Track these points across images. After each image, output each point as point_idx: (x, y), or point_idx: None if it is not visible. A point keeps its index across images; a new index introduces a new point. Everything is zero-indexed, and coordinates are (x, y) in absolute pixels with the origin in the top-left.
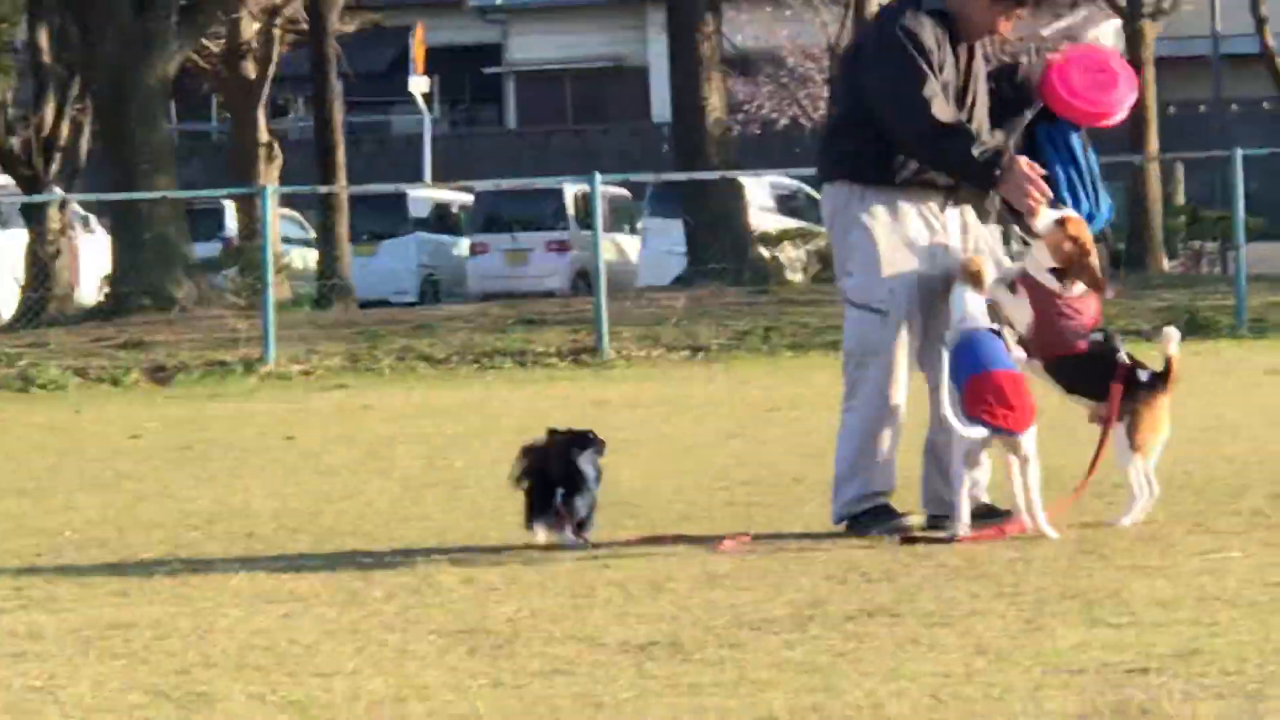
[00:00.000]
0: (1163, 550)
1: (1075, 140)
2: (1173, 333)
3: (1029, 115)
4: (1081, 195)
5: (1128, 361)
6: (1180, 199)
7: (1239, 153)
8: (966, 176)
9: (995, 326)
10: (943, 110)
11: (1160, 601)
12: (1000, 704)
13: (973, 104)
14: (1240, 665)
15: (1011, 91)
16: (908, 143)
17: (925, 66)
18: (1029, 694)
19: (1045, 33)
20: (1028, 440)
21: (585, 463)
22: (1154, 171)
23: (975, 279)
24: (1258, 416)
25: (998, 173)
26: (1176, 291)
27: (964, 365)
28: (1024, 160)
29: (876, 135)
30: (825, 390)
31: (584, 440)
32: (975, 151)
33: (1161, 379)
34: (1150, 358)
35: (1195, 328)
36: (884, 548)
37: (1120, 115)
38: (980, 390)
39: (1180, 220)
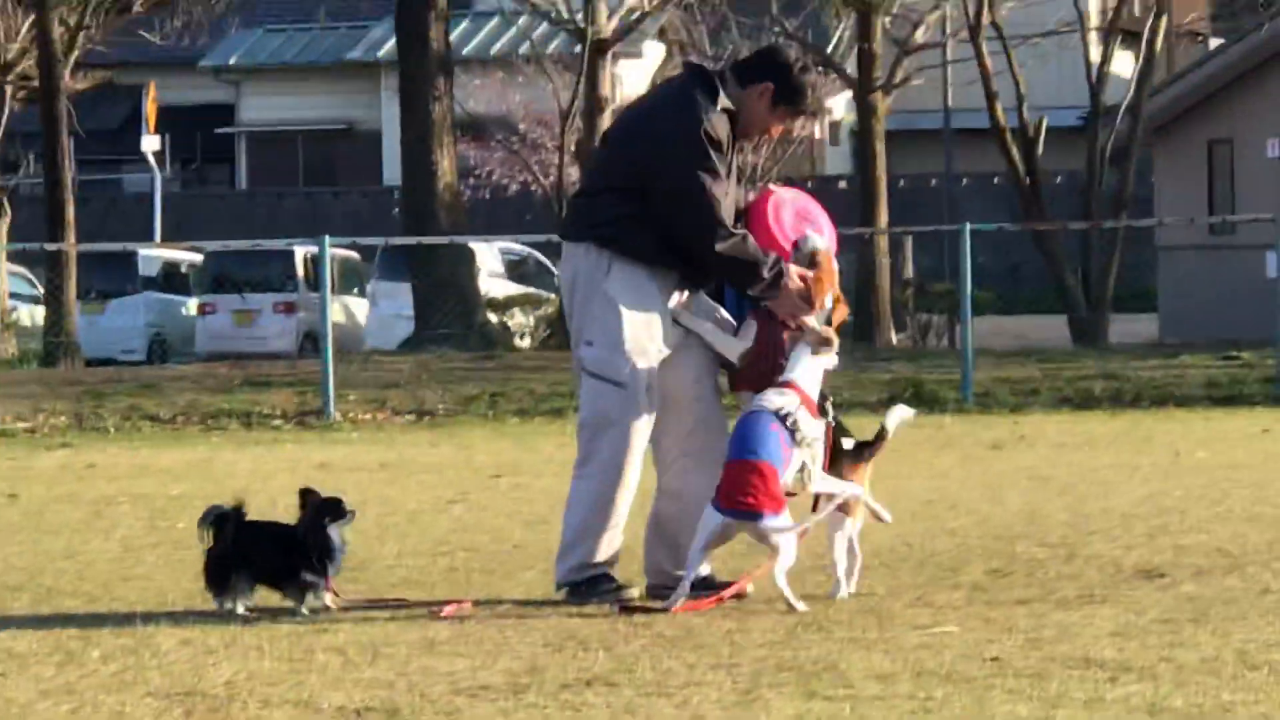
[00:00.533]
0: (881, 623)
1: None
2: (903, 411)
3: None
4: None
5: (832, 425)
6: (909, 271)
7: (968, 227)
8: (743, 283)
9: (787, 410)
10: (728, 216)
11: (878, 675)
12: None
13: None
14: None
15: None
16: (692, 241)
17: (721, 170)
18: None
19: None
20: (774, 528)
21: (333, 532)
22: (883, 244)
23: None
24: (980, 491)
25: (775, 291)
26: (903, 364)
27: (730, 447)
28: (796, 272)
29: (638, 210)
30: (550, 457)
31: (336, 508)
32: (766, 273)
33: (867, 447)
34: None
35: (921, 400)
36: (603, 617)
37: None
38: (732, 476)
39: (908, 293)
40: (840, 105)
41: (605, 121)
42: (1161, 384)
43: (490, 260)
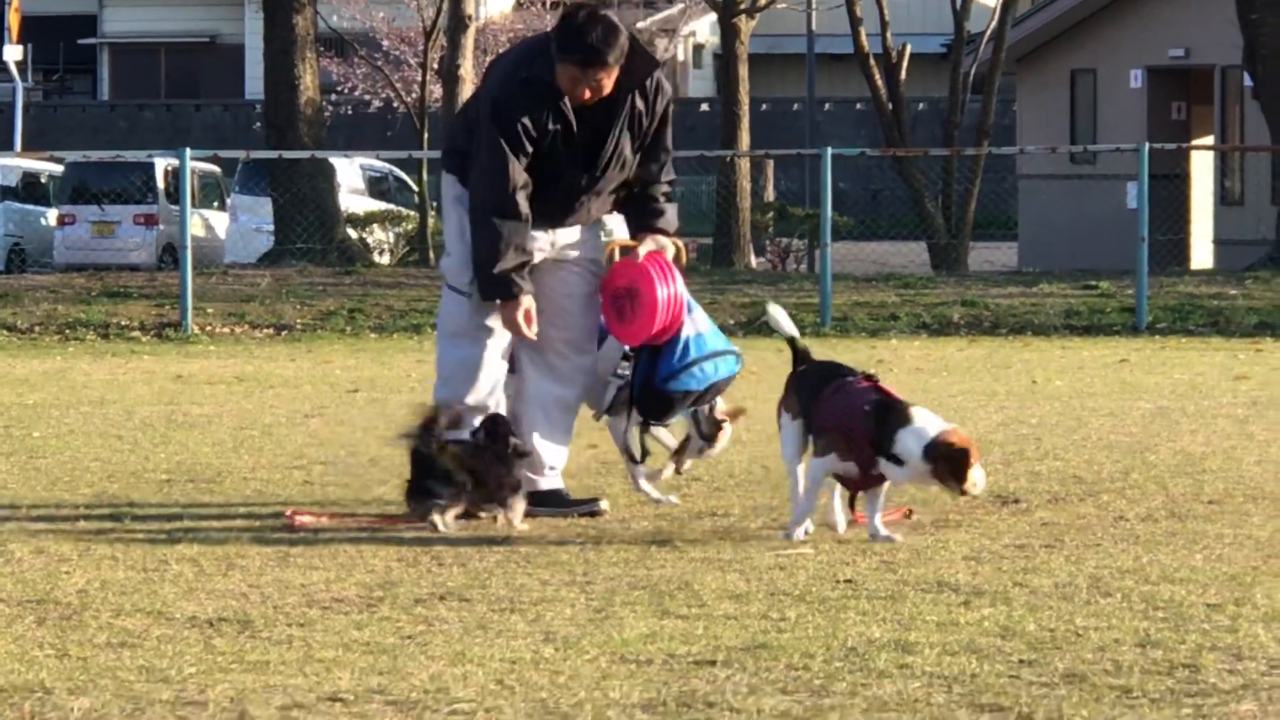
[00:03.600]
0: (736, 544)
1: None
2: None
3: None
4: None
5: None
6: (770, 195)
7: (829, 151)
8: (480, 274)
9: None
10: (504, 206)
11: (731, 595)
12: (566, 691)
13: (602, 158)
14: (807, 661)
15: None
16: (470, 212)
17: (509, 151)
18: (595, 682)
19: (640, 25)
20: None
21: None
22: (744, 167)
23: None
24: None
25: (500, 300)
26: (762, 288)
27: None
28: (524, 310)
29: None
30: (407, 372)
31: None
32: (498, 267)
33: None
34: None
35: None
36: (457, 532)
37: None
38: None
39: (769, 217)
40: (704, 28)
41: (469, 39)
42: (1020, 312)
43: (351, 176)
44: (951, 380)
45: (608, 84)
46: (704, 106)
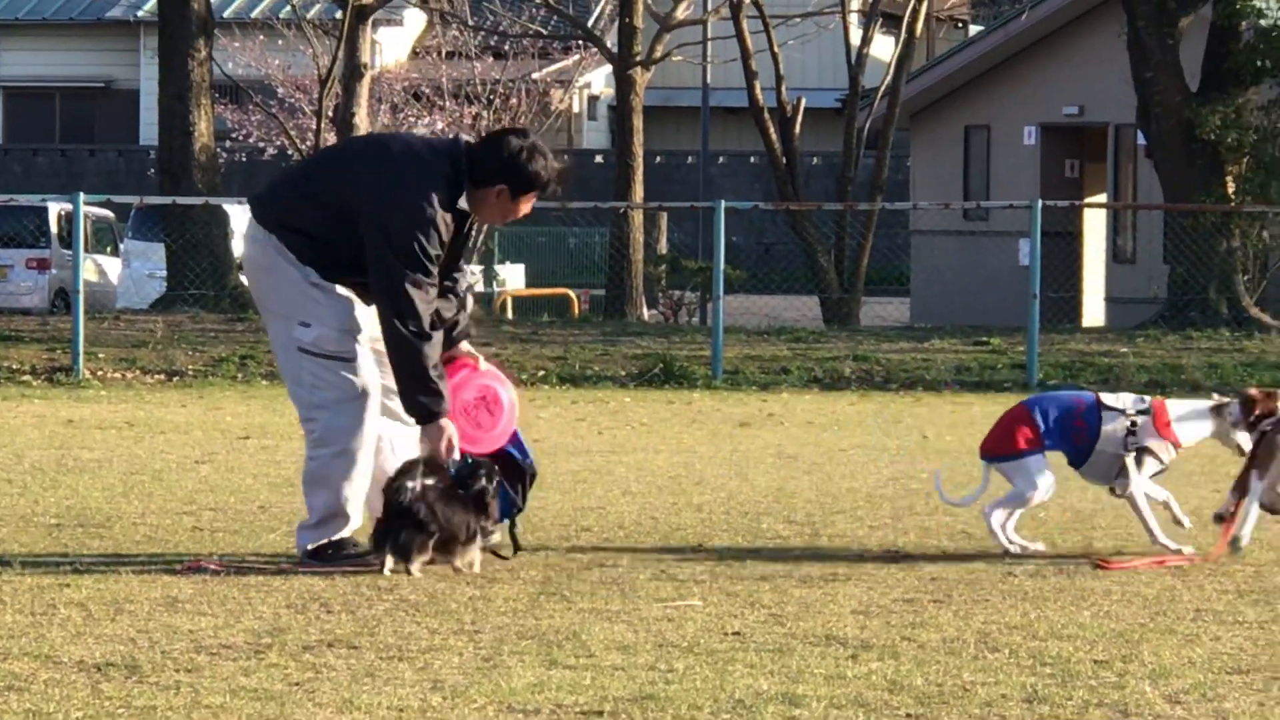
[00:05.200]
0: (624, 595)
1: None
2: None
3: None
4: None
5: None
6: (663, 248)
7: (722, 204)
8: (408, 387)
9: None
10: (426, 316)
11: (619, 645)
12: None
13: (453, 267)
14: (694, 713)
15: None
16: (385, 316)
17: (433, 273)
18: None
19: (536, 76)
20: None
21: None
22: (637, 219)
23: None
24: (727, 467)
25: (428, 421)
26: (654, 340)
27: None
28: (450, 434)
29: (331, 239)
30: (298, 420)
31: None
32: (421, 395)
33: None
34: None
35: (671, 377)
36: (346, 580)
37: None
38: None
39: (662, 269)
40: (599, 80)
41: (364, 88)
42: (911, 367)
43: (244, 223)
44: (843, 434)
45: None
46: (598, 158)
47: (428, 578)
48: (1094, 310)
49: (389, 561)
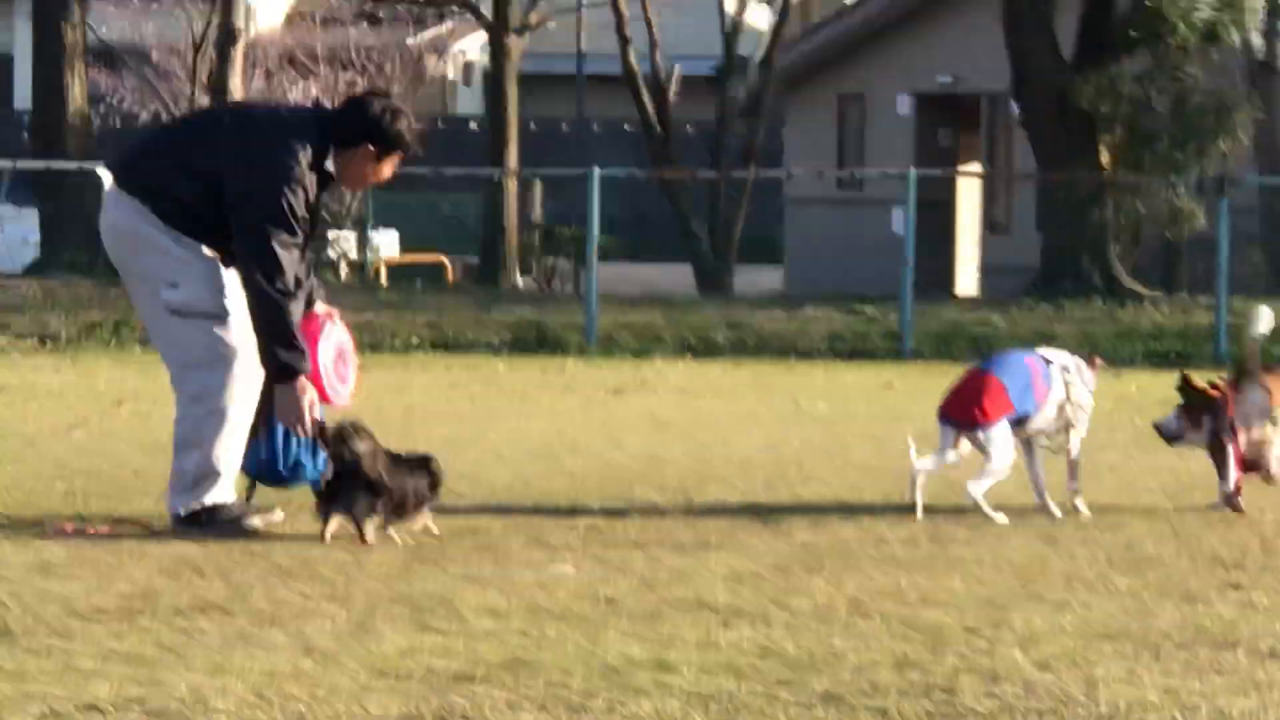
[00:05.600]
0: (497, 560)
1: None
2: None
3: None
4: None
5: None
6: (537, 215)
7: (596, 171)
8: (271, 346)
9: None
10: (291, 275)
11: (491, 611)
12: (324, 704)
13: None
14: (565, 678)
15: None
16: (250, 275)
17: (299, 232)
18: (354, 695)
19: (410, 42)
20: None
21: None
22: (512, 186)
23: None
24: (600, 434)
25: (286, 382)
26: (527, 307)
27: None
28: (311, 394)
29: (197, 204)
30: (170, 384)
31: None
32: (284, 353)
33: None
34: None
35: (544, 344)
36: (219, 544)
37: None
38: None
39: (536, 236)
40: (473, 46)
41: (238, 53)
42: (785, 335)
43: None
44: (716, 402)
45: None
46: (472, 125)
47: (300, 543)
48: (967, 280)
49: (332, 527)
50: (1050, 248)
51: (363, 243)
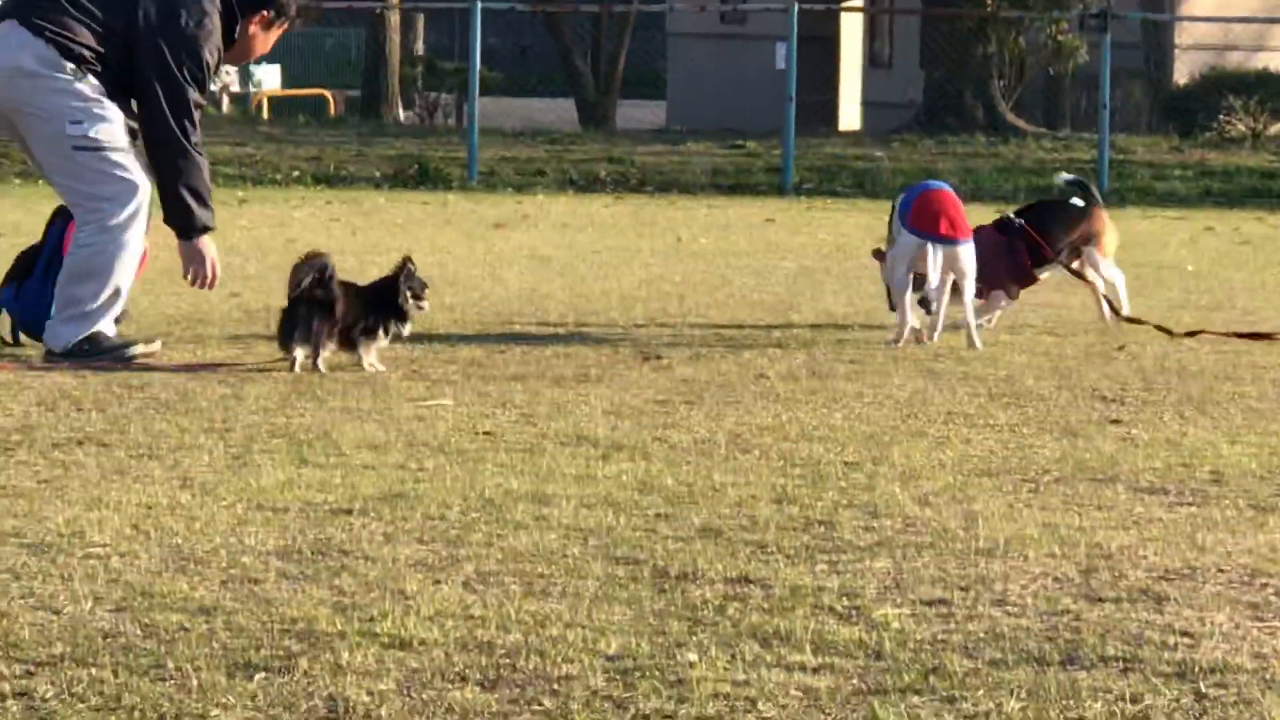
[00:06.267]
0: (376, 395)
1: None
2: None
3: None
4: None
5: None
6: (419, 49)
7: (478, 5)
8: (186, 200)
9: None
10: (199, 144)
11: (370, 444)
12: (201, 536)
13: None
14: (443, 511)
15: None
16: (167, 131)
17: (209, 87)
18: (231, 528)
19: None
20: None
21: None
22: (394, 20)
23: None
24: (480, 268)
25: (195, 236)
26: (409, 140)
27: None
28: (214, 250)
29: (112, 69)
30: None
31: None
32: (199, 209)
33: None
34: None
35: (426, 178)
36: (97, 377)
37: None
38: None
39: (418, 70)
40: None
41: None
42: (666, 171)
43: None
44: (597, 236)
45: None
46: None
47: (178, 376)
48: (850, 115)
49: (299, 356)
50: (933, 83)
51: (245, 77)
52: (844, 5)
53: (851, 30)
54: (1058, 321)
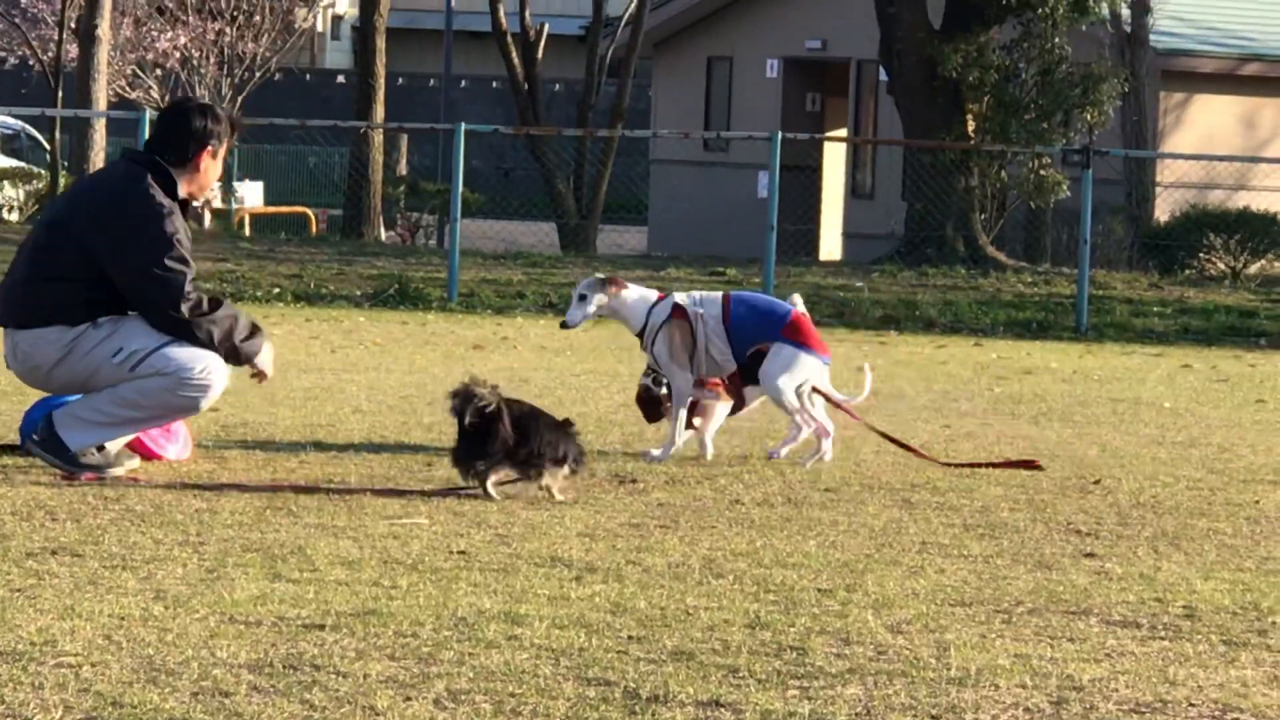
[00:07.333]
0: (351, 511)
1: None
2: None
3: None
4: None
5: None
6: (403, 169)
7: (462, 126)
8: (230, 355)
9: None
10: (204, 298)
11: (344, 561)
12: (174, 649)
13: None
14: (416, 629)
15: None
16: (181, 326)
17: (187, 254)
18: (203, 641)
19: None
20: None
21: None
22: (378, 140)
23: None
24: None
25: (258, 354)
26: (391, 260)
27: None
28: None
29: (100, 294)
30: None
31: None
32: (244, 346)
33: None
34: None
35: (406, 298)
36: (73, 488)
37: None
38: None
39: (401, 190)
40: (343, 0)
41: (107, 1)
42: None
43: None
44: (575, 360)
45: None
46: (340, 79)
47: (154, 489)
48: (831, 244)
49: (489, 487)
50: (914, 214)
51: (227, 193)
52: (827, 135)
53: (834, 160)
54: (1034, 454)
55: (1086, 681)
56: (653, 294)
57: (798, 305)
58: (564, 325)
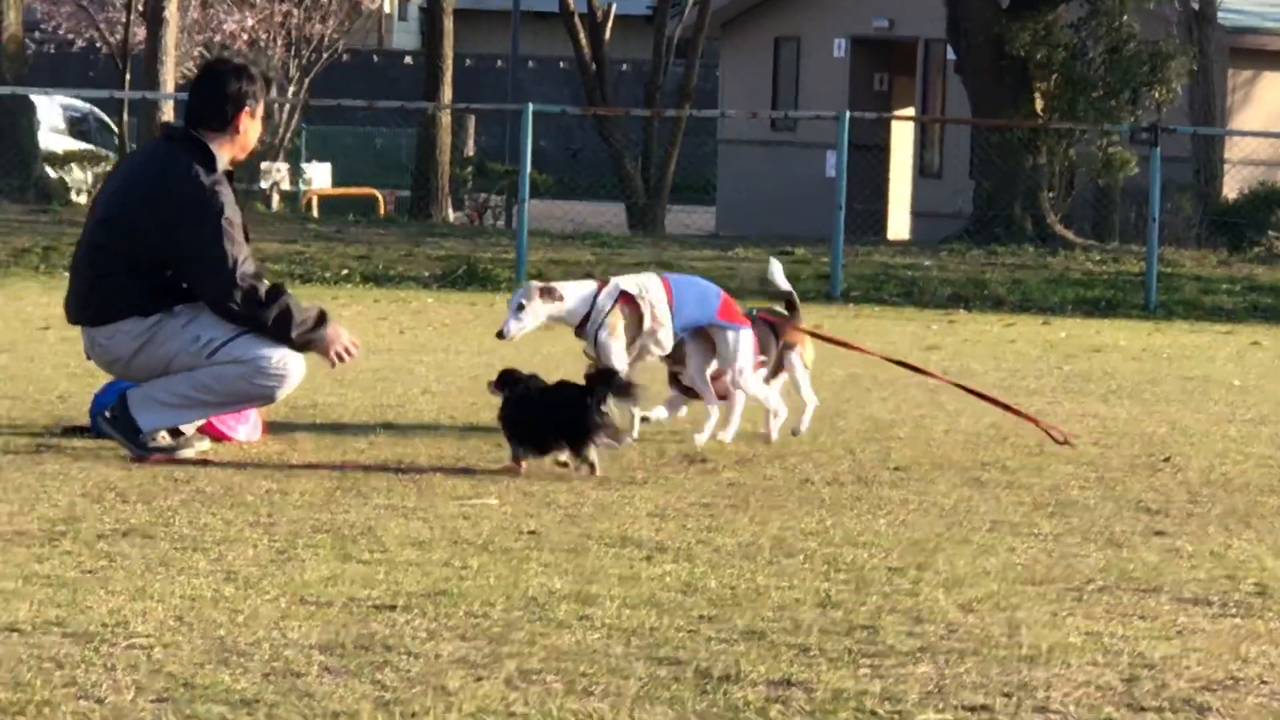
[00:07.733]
0: (421, 492)
1: None
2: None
3: None
4: None
5: None
6: (470, 150)
7: (530, 107)
8: (292, 342)
9: None
10: (261, 282)
11: (414, 542)
12: (245, 629)
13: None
14: (487, 609)
15: None
16: (242, 312)
17: (237, 231)
18: (274, 622)
19: None
20: None
21: None
22: (445, 121)
23: None
24: (527, 369)
25: (323, 336)
26: (459, 241)
27: None
28: (341, 337)
29: (166, 281)
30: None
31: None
32: (305, 333)
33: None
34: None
35: (474, 279)
36: (143, 470)
37: None
38: None
39: (468, 171)
40: None
41: None
42: (714, 275)
43: (51, 115)
44: None
45: None
46: (407, 60)
47: (224, 470)
48: (899, 224)
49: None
50: (983, 193)
51: (295, 175)
52: (894, 114)
53: (902, 140)
54: (1103, 432)
55: (1158, 659)
56: (589, 283)
57: (776, 272)
58: (500, 335)
